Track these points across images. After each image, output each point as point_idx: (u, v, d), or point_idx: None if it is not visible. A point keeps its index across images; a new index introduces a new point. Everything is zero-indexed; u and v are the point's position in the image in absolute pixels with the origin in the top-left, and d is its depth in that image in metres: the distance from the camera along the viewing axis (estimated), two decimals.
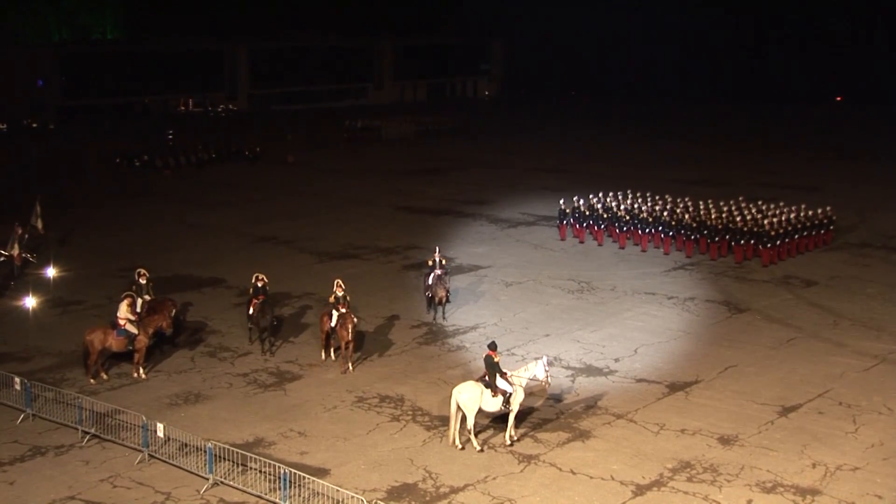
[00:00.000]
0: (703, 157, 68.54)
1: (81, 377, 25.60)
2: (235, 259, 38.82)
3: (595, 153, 70.91)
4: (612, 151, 71.80)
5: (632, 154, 70.47)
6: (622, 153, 70.88)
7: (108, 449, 21.52)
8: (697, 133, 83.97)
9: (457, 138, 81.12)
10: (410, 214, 48.99)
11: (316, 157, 69.61)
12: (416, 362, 27.13)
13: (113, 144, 70.27)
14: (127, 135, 77.94)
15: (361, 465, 20.85)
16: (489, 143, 78.21)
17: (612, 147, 74.45)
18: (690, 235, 39.45)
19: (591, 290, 34.44)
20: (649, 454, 21.34)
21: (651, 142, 77.60)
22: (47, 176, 59.28)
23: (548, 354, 24.52)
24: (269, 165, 65.34)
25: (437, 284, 30.52)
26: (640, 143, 77.20)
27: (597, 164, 65.03)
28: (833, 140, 77.74)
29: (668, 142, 77.41)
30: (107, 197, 53.51)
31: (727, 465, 20.87)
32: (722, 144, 75.88)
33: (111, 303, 30.25)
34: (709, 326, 30.45)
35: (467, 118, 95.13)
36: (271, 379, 25.88)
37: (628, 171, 60.50)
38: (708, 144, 75.98)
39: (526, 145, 76.55)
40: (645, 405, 24.06)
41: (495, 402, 21.58)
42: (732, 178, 58.14)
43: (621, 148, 73.91)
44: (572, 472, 20.53)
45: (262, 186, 57.30)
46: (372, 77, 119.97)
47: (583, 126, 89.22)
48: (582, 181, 55.68)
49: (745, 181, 56.18)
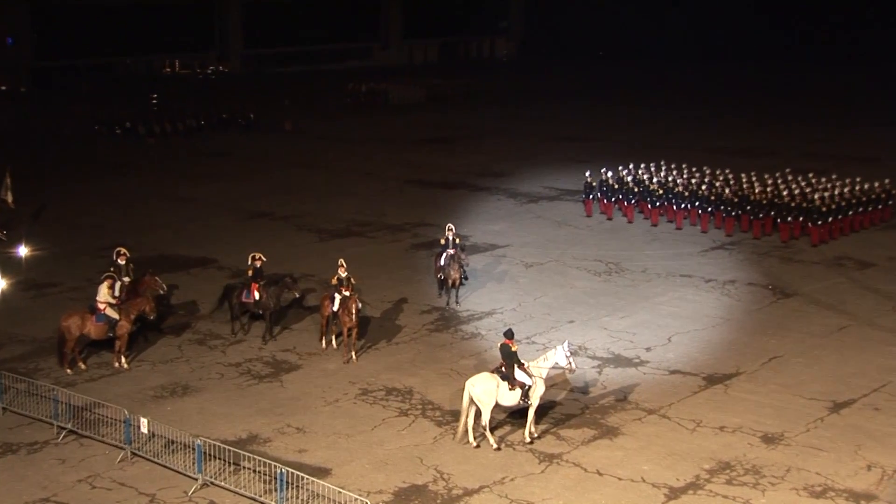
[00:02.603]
0: (745, 125, 68.18)
1: (57, 367, 25.66)
2: (227, 237, 38.85)
3: (625, 120, 70.59)
4: (643, 118, 71.45)
5: (666, 121, 70.13)
6: (655, 120, 70.54)
7: (87, 446, 21.58)
8: (739, 97, 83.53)
9: (472, 104, 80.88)
10: (420, 188, 48.89)
11: (316, 124, 69.51)
12: (426, 351, 27.13)
13: (91, 110, 70.31)
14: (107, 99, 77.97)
15: (366, 464, 20.87)
16: (508, 109, 77.96)
17: (644, 113, 74.08)
18: (731, 211, 39.27)
19: (619, 272, 34.34)
20: (684, 454, 21.29)
21: (688, 107, 77.21)
22: (18, 145, 59.33)
23: (571, 342, 24.47)
24: (265, 133, 65.26)
25: (450, 265, 30.47)
26: (676, 108, 76.81)
27: (627, 132, 64.76)
28: (893, 105, 77.14)
29: (707, 107, 77.01)
30: (85, 168, 53.58)
31: (771, 466, 20.81)
32: (767, 110, 75.48)
33: (90, 285, 30.28)
34: (751, 313, 30.35)
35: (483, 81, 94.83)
36: (267, 369, 25.91)
37: (662, 140, 60.25)
38: (751, 110, 75.56)
39: (548, 111, 76.26)
40: (679, 399, 24.00)
41: (513, 395, 21.55)
42: (779, 147, 57.83)
43: (654, 114, 73.55)
44: (598, 473, 20.51)
45: (257, 157, 57.27)
46: (378, 36, 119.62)
47: (612, 90, 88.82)
48: (610, 151, 55.45)
49: (793, 151, 55.87)
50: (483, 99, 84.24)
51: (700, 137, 62.33)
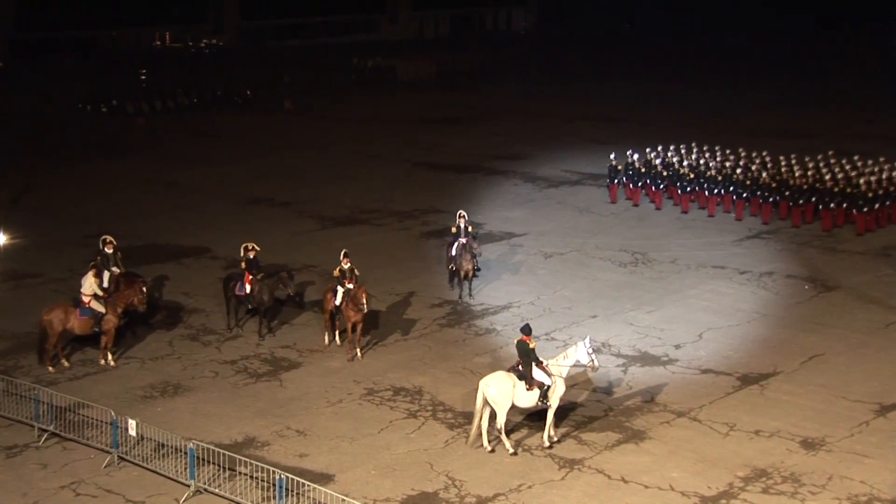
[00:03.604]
0: (785, 102, 67.96)
1: (38, 365, 25.72)
2: (222, 225, 38.89)
3: (653, 98, 70.41)
4: (673, 96, 71.28)
5: (697, 99, 69.95)
6: (686, 98, 70.37)
7: (71, 450, 21.64)
8: (778, 72, 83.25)
9: (487, 81, 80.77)
10: (431, 171, 48.87)
11: (318, 103, 69.52)
12: (436, 348, 27.15)
13: (75, 87, 70.44)
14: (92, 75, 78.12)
15: (371, 470, 20.90)
16: (526, 86, 77.84)
17: (674, 91, 73.90)
18: (768, 197, 39.16)
19: (647, 263, 34.30)
20: (716, 460, 21.27)
21: (722, 84, 76.97)
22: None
23: (594, 339, 24.45)
24: (263, 113, 65.30)
25: (462, 255, 30.45)
26: (708, 85, 76.59)
27: (655, 111, 64.60)
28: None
29: (743, 83, 76.76)
30: (68, 150, 53.70)
31: (811, 474, 20.76)
32: (809, 86, 75.18)
33: (74, 276, 30.37)
34: (790, 307, 30.28)
35: (500, 56, 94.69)
36: (265, 367, 25.97)
37: (693, 120, 60.08)
38: (791, 87, 75.30)
39: (570, 89, 76.11)
40: (711, 401, 23.97)
41: (530, 396, 21.56)
42: (820, 127, 57.64)
43: (684, 92, 73.36)
44: (623, 481, 20.50)
45: (255, 138, 57.30)
46: (385, 7, 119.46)
47: (639, 66, 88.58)
48: (637, 132, 55.33)
49: (837, 131, 55.65)
50: (499, 75, 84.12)
51: (735, 116, 62.14)
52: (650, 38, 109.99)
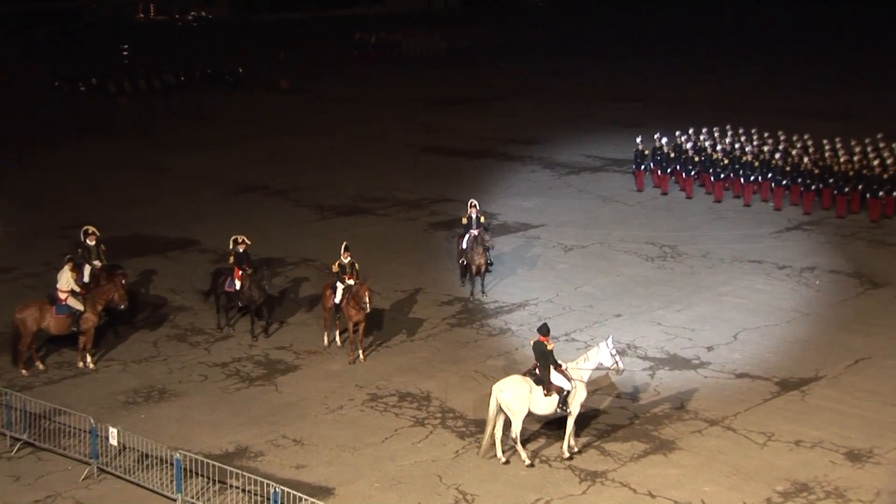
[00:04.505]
0: (827, 81, 67.80)
1: (10, 367, 25.78)
2: (212, 215, 38.97)
3: (683, 76, 70.33)
4: (705, 73, 71.21)
5: (732, 77, 69.79)
6: (718, 76, 70.25)
7: (46, 460, 21.68)
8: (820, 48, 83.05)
9: (500, 57, 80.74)
10: (439, 157, 48.89)
11: (317, 81, 69.54)
12: (446, 350, 27.16)
13: (52, 63, 70.56)
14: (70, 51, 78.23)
15: (375, 482, 20.92)
16: (542, 63, 77.78)
17: (706, 68, 73.80)
18: (810, 185, 39.10)
19: (676, 257, 34.28)
20: (753, 472, 21.25)
21: (758, 60, 76.82)
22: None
23: (618, 340, 24.42)
24: (257, 92, 65.35)
25: (474, 249, 30.46)
26: (744, 61, 76.43)
27: (685, 90, 64.51)
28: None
29: (782, 60, 76.60)
30: (43, 132, 53.79)
31: (857, 488, 20.72)
32: (854, 63, 74.96)
33: (49, 270, 30.44)
34: (834, 305, 30.23)
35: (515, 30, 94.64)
36: (258, 370, 26.00)
37: (727, 100, 59.98)
38: (835, 63, 75.10)
39: (591, 66, 76.05)
40: (747, 408, 23.94)
41: (548, 402, 21.55)
42: (867, 108, 57.49)
43: (718, 69, 73.23)
44: (650, 495, 20.49)
45: (248, 120, 57.37)
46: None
47: (667, 41, 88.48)
48: (665, 113, 55.27)
49: (885, 112, 55.49)
50: (514, 51, 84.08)
51: (773, 96, 62.04)
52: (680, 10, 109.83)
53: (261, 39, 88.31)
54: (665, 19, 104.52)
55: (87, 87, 64.11)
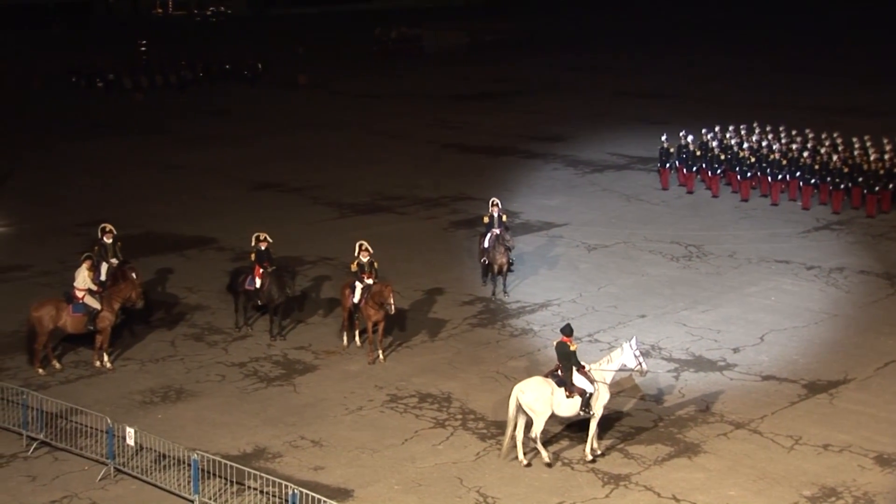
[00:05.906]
0: (858, 77, 67.49)
1: (26, 366, 25.92)
2: (229, 212, 39.06)
3: (710, 72, 70.14)
4: (733, 70, 70.96)
5: (760, 73, 69.56)
6: (747, 72, 69.99)
7: (62, 461, 21.79)
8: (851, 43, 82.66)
9: (523, 52, 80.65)
10: (461, 154, 48.88)
11: (336, 77, 69.60)
12: (467, 350, 27.19)
13: (67, 58, 70.78)
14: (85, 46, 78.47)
15: (394, 484, 20.97)
16: (566, 58, 77.66)
17: (733, 64, 73.56)
18: (839, 184, 38.99)
19: (702, 257, 34.23)
20: (780, 477, 21.23)
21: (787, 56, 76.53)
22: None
23: (642, 341, 24.41)
24: (275, 88, 65.44)
25: (496, 248, 30.48)
26: (772, 57, 76.16)
27: (712, 86, 64.31)
28: None
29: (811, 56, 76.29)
30: (59, 128, 53.99)
31: (887, 493, 20.66)
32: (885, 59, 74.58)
33: (65, 268, 30.60)
34: (864, 307, 30.14)
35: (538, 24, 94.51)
36: (277, 370, 26.08)
37: (755, 97, 59.78)
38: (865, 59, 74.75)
39: (616, 62, 75.86)
40: (774, 411, 23.90)
41: (571, 404, 21.56)
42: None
43: (746, 65, 72.98)
44: (675, 499, 20.49)
45: (265, 116, 57.46)
46: None
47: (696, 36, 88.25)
48: (692, 110, 55.14)
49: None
50: (537, 46, 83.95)
51: (802, 93, 61.79)
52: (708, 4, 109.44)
53: (279, 35, 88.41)
54: (692, 13, 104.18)
55: (103, 83, 64.31)
